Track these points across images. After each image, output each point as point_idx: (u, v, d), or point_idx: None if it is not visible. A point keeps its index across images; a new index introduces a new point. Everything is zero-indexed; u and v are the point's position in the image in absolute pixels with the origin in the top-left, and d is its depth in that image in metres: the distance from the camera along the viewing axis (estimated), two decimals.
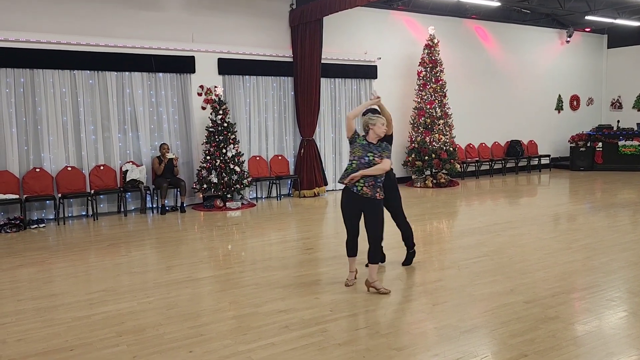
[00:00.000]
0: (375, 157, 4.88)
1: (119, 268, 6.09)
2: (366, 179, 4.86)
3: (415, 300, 4.75)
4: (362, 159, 4.87)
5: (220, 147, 9.72)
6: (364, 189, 4.86)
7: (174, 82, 10.15)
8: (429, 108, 12.27)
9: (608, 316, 4.31)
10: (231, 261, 6.34)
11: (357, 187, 4.87)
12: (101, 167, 9.43)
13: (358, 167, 4.87)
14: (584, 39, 16.66)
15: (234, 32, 10.65)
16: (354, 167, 4.89)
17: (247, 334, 4.06)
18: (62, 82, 9.09)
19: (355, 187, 4.87)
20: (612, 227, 7.64)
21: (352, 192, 4.91)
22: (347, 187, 4.96)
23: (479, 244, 6.74)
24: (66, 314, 4.59)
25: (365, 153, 4.89)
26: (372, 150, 4.91)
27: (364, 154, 4.88)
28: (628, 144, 14.64)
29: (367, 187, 4.86)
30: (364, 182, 4.86)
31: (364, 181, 4.86)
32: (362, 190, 4.86)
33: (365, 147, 4.92)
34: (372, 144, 4.95)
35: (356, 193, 4.88)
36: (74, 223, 8.87)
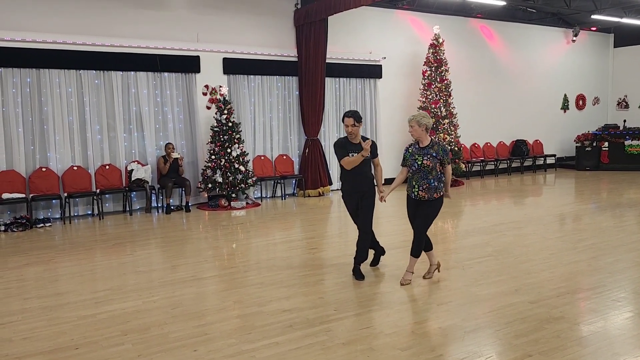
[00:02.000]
0: (424, 159, 4.99)
1: (124, 267, 6.12)
2: (420, 184, 5.00)
3: (419, 300, 4.74)
4: (413, 166, 5.07)
5: (225, 146, 9.74)
6: (420, 193, 5.03)
7: (179, 82, 10.18)
8: (433, 107, 12.23)
9: (614, 317, 4.29)
10: (236, 260, 6.36)
11: (414, 192, 5.07)
12: (107, 167, 9.46)
13: (412, 174, 5.10)
14: (590, 38, 16.57)
15: (238, 31, 10.66)
16: (410, 176, 5.17)
17: (252, 333, 4.07)
18: (68, 82, 9.14)
19: (413, 193, 5.10)
20: (618, 227, 7.60)
21: (412, 198, 5.14)
22: (407, 194, 5.23)
23: (484, 244, 6.72)
24: (72, 312, 4.62)
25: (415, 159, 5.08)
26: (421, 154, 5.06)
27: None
28: (634, 144, 14.56)
29: (422, 190, 5.01)
30: (418, 187, 5.02)
31: (418, 186, 5.01)
32: (419, 194, 5.03)
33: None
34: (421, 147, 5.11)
35: (414, 198, 5.09)
36: (80, 222, 8.91)
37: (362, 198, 5.40)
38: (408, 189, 5.17)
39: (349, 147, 5.36)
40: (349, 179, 5.44)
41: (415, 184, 5.04)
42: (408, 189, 5.17)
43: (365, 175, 5.41)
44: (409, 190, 5.17)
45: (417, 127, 5.02)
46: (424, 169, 4.97)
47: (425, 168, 4.97)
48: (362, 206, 5.41)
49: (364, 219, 5.42)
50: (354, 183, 5.41)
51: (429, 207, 5.05)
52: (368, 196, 5.41)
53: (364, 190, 5.39)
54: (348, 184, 5.47)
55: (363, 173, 5.38)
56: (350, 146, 5.36)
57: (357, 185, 5.40)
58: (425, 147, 5.05)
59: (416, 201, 5.10)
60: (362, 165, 5.32)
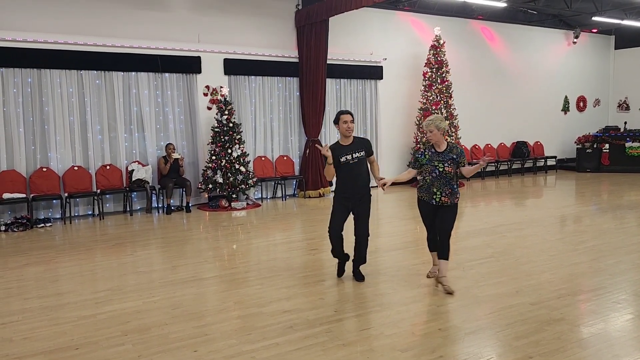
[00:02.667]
0: (445, 166, 4.81)
1: (124, 267, 6.12)
2: (442, 190, 4.83)
3: (420, 302, 4.74)
4: (433, 172, 4.85)
5: (226, 147, 9.75)
6: (443, 199, 4.84)
7: (180, 83, 10.19)
8: (434, 109, 12.24)
9: (614, 318, 4.28)
10: (236, 261, 6.35)
11: (435, 199, 4.86)
12: (107, 167, 9.47)
13: (432, 181, 4.86)
14: (590, 39, 16.58)
15: (239, 32, 10.67)
16: (428, 183, 4.91)
17: (252, 334, 4.07)
18: (69, 82, 9.14)
19: (434, 200, 4.86)
20: (619, 229, 7.60)
21: (432, 205, 4.89)
22: (424, 200, 4.94)
23: (485, 245, 6.72)
24: (72, 312, 4.62)
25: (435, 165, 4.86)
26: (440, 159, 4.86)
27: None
28: (635, 146, 14.55)
29: (445, 196, 4.84)
30: (441, 193, 4.83)
31: (440, 192, 4.83)
32: (441, 200, 4.84)
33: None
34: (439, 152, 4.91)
35: (436, 204, 4.88)
36: (80, 222, 8.91)
37: (358, 204, 5.14)
38: (425, 195, 4.91)
39: (341, 152, 5.09)
40: (342, 182, 5.17)
41: (437, 191, 4.83)
42: (425, 195, 4.91)
43: (360, 178, 5.14)
44: (426, 197, 4.90)
45: (437, 132, 4.82)
46: (446, 175, 4.80)
47: (448, 175, 4.80)
48: (359, 213, 5.17)
49: (363, 225, 5.19)
50: (347, 187, 5.14)
51: (451, 210, 4.88)
52: (364, 201, 5.17)
53: (359, 195, 5.14)
54: (340, 187, 5.19)
55: (357, 176, 5.12)
56: (341, 150, 5.11)
57: (349, 189, 5.13)
58: (444, 151, 4.85)
59: (436, 207, 4.89)
60: (357, 166, 5.09)
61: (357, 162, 5.10)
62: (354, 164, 5.09)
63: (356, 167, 5.10)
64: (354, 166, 5.09)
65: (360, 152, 5.13)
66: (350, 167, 5.09)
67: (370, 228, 5.27)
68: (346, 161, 5.09)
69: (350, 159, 5.08)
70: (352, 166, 5.09)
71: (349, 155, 5.08)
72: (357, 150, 5.12)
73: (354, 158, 5.09)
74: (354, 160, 5.09)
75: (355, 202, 5.15)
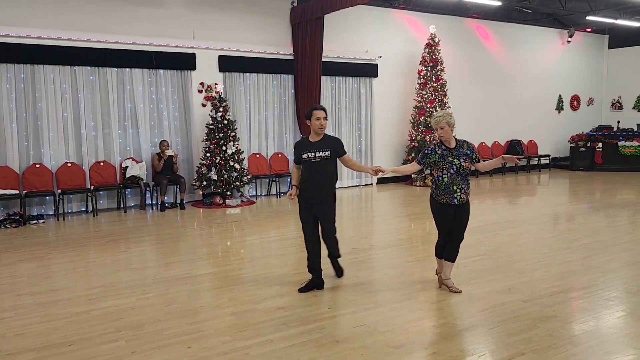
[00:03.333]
0: (462, 162, 4.66)
1: (118, 264, 6.10)
2: (461, 187, 4.67)
3: (413, 299, 4.76)
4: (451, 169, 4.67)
5: (220, 144, 9.73)
6: (462, 197, 4.69)
7: (175, 79, 10.16)
8: (429, 107, 12.26)
9: (606, 316, 4.31)
10: (230, 258, 6.35)
11: (456, 198, 4.68)
12: (101, 164, 9.43)
13: (450, 179, 4.67)
14: (585, 39, 16.65)
15: (234, 29, 10.65)
16: (446, 182, 4.69)
17: (246, 331, 4.07)
18: (63, 78, 9.10)
19: (455, 199, 4.67)
20: (611, 227, 7.65)
21: (452, 205, 4.70)
22: (443, 202, 4.72)
23: (478, 243, 6.75)
24: (65, 309, 4.60)
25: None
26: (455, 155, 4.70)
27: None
28: (628, 145, 14.64)
29: (464, 193, 4.69)
30: (460, 190, 4.67)
31: (460, 190, 4.67)
32: (461, 198, 4.69)
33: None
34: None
35: (457, 204, 4.70)
36: (74, 219, 8.87)
37: (320, 205, 4.86)
38: (445, 197, 4.68)
39: (306, 148, 4.83)
40: (304, 181, 4.89)
41: (457, 188, 4.64)
42: (445, 197, 4.68)
43: (326, 177, 4.85)
44: (446, 199, 4.68)
45: (448, 128, 4.65)
46: (463, 171, 4.65)
47: (465, 170, 4.66)
48: (322, 216, 4.89)
49: (328, 227, 4.94)
50: (309, 186, 4.86)
51: (466, 209, 4.77)
52: (327, 203, 4.89)
53: (321, 196, 4.85)
54: (305, 186, 4.90)
55: (319, 175, 4.82)
56: (307, 146, 4.84)
57: (311, 189, 4.86)
58: (455, 147, 4.71)
59: (456, 207, 4.71)
60: (319, 165, 4.79)
61: (319, 162, 4.79)
62: (316, 162, 4.80)
63: (318, 166, 4.80)
64: (316, 165, 4.80)
65: (325, 151, 4.80)
66: (311, 165, 4.81)
67: (365, 225, 5.28)
68: (308, 158, 4.82)
69: (312, 157, 4.80)
70: (313, 164, 4.80)
71: (312, 153, 4.80)
72: (322, 149, 4.80)
73: (317, 157, 4.79)
74: (316, 159, 4.79)
75: (318, 203, 4.87)
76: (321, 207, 4.90)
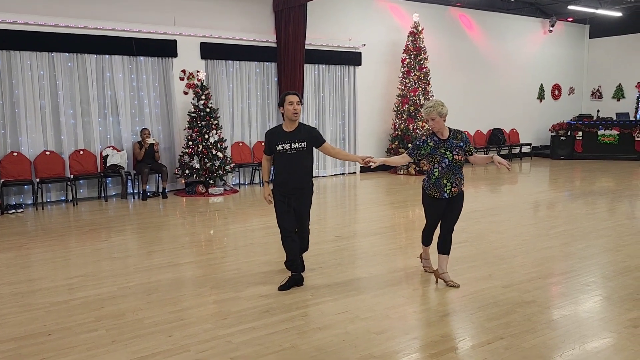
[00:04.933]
0: (454, 154, 4.50)
1: (99, 253, 6.03)
2: (452, 180, 4.51)
3: (395, 285, 4.79)
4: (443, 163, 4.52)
5: (203, 132, 9.64)
6: (453, 190, 4.54)
7: (156, 66, 10.01)
8: (412, 95, 12.29)
9: (583, 300, 4.40)
10: (213, 246, 6.32)
11: (447, 192, 4.53)
12: (81, 152, 9.29)
13: (441, 173, 4.53)
14: (566, 28, 16.79)
15: (216, 15, 10.51)
16: (437, 175, 4.56)
17: (228, 319, 4.07)
18: (40, 65, 8.90)
19: (445, 193, 4.53)
20: (590, 215, 7.78)
21: (442, 199, 4.56)
22: (433, 197, 4.59)
23: (460, 230, 6.78)
24: (44, 299, 4.55)
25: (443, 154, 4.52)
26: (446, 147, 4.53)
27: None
28: (607, 133, 14.87)
29: (455, 186, 4.54)
30: (451, 184, 4.52)
31: (450, 184, 4.51)
32: (452, 191, 4.54)
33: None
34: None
35: (447, 198, 4.56)
36: (53, 208, 8.75)
37: (297, 198, 4.67)
38: (435, 191, 4.54)
39: (279, 138, 4.59)
40: (278, 174, 4.68)
41: (447, 182, 4.49)
42: (435, 192, 4.54)
43: (303, 169, 4.64)
44: (437, 193, 4.54)
45: (439, 119, 4.47)
46: (455, 164, 4.49)
47: (458, 163, 4.50)
48: (298, 210, 4.71)
49: (305, 221, 4.82)
50: (284, 179, 4.64)
51: (460, 200, 4.62)
52: (303, 196, 4.70)
53: (297, 189, 4.65)
54: (280, 180, 4.66)
55: (295, 168, 4.60)
56: (281, 136, 4.60)
57: (289, 181, 4.62)
58: (448, 138, 4.53)
59: (447, 201, 4.58)
60: (295, 157, 4.57)
61: (295, 154, 4.57)
62: (292, 154, 4.56)
63: (294, 158, 4.57)
64: (292, 157, 4.57)
65: (301, 142, 4.56)
66: (287, 157, 4.57)
67: (348, 214, 5.28)
68: (283, 150, 4.57)
69: (288, 149, 4.56)
70: (289, 157, 4.57)
71: (288, 144, 4.56)
72: (298, 140, 4.56)
73: (292, 148, 4.56)
74: (292, 150, 4.56)
75: (296, 198, 4.68)
76: (299, 201, 4.69)
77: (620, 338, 3.67)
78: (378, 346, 3.58)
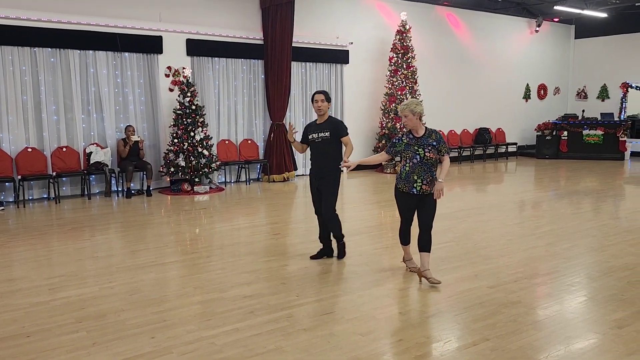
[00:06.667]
0: (426, 152, 4.59)
1: (81, 252, 5.93)
2: (423, 177, 4.60)
3: (381, 286, 4.77)
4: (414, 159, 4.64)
5: (188, 130, 9.54)
6: (424, 187, 4.61)
7: (141, 63, 9.88)
8: (400, 94, 12.29)
9: (568, 301, 4.41)
10: (197, 246, 6.25)
11: (416, 188, 4.62)
12: (63, 149, 9.13)
13: (412, 168, 4.64)
14: (552, 28, 16.92)
15: (203, 12, 10.40)
16: (407, 170, 4.68)
17: (212, 320, 4.01)
18: (22, 60, 8.73)
19: (414, 189, 4.62)
20: (575, 214, 7.83)
21: (411, 195, 4.65)
22: (402, 191, 4.70)
23: (446, 230, 6.81)
24: (24, 299, 4.45)
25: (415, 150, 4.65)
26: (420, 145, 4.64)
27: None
28: (592, 133, 15.02)
29: (426, 184, 4.61)
30: (422, 181, 4.60)
31: (421, 180, 4.60)
32: (422, 189, 4.61)
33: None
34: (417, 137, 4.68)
35: (417, 194, 4.65)
36: (35, 206, 8.59)
37: (322, 180, 5.31)
38: (404, 185, 4.66)
39: (311, 129, 5.40)
40: (312, 159, 5.47)
41: (418, 178, 4.59)
42: (404, 186, 4.66)
43: (327, 156, 5.30)
44: (406, 187, 4.65)
45: (412, 116, 4.58)
46: (427, 161, 4.58)
47: (429, 161, 4.59)
48: (321, 190, 5.34)
49: (325, 202, 5.34)
50: (313, 164, 5.44)
51: (432, 199, 4.67)
52: (327, 179, 5.29)
53: (321, 172, 5.31)
54: (312, 163, 5.49)
55: (321, 154, 5.32)
56: (312, 128, 5.40)
57: (316, 166, 5.39)
58: (422, 136, 4.64)
59: (417, 197, 4.67)
60: (323, 145, 5.29)
61: (320, 142, 5.30)
62: (318, 142, 5.31)
63: (320, 145, 5.30)
64: (318, 144, 5.31)
65: (326, 132, 5.28)
66: (315, 144, 5.34)
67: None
68: (312, 139, 5.35)
69: (316, 138, 5.32)
70: (316, 144, 5.33)
71: (315, 134, 5.32)
72: (323, 130, 5.30)
73: (319, 137, 5.30)
74: (318, 139, 5.30)
75: (319, 181, 5.33)
76: (322, 184, 5.32)
77: (605, 339, 3.68)
78: (364, 348, 3.55)
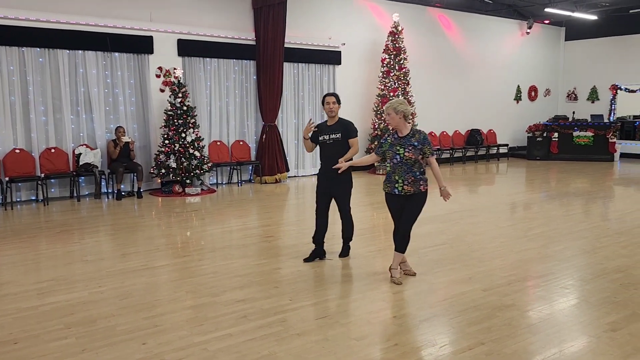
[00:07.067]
0: (405, 152, 4.62)
1: (70, 256, 5.84)
2: (404, 178, 4.63)
3: (375, 289, 4.73)
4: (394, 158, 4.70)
5: (180, 131, 9.46)
6: (406, 188, 4.64)
7: (131, 63, 9.79)
8: (392, 95, 12.27)
9: (561, 304, 4.40)
10: (189, 249, 6.18)
11: (397, 188, 4.67)
12: (52, 150, 9.02)
13: (393, 168, 4.71)
14: (543, 30, 17.01)
15: (194, 12, 10.32)
16: (389, 170, 4.78)
17: (204, 325, 3.95)
18: (10, 60, 8.61)
19: (396, 189, 4.67)
20: (566, 216, 7.85)
21: (395, 195, 4.71)
22: (387, 192, 4.78)
23: (439, 232, 6.80)
24: (11, 304, 4.36)
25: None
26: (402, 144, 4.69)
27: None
28: (582, 135, 15.11)
29: (408, 184, 4.64)
30: (403, 181, 4.63)
31: (402, 180, 4.64)
32: (404, 189, 4.65)
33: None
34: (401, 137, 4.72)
35: (399, 194, 4.69)
36: (23, 208, 8.47)
37: (333, 184, 5.34)
38: (387, 186, 4.74)
39: (322, 131, 5.41)
40: (322, 160, 5.46)
41: (399, 179, 4.63)
42: (387, 186, 4.74)
43: (338, 157, 5.24)
44: (388, 188, 4.73)
45: (394, 115, 4.60)
46: (406, 161, 4.61)
47: (408, 161, 4.60)
48: (336, 194, 5.40)
49: (342, 205, 5.44)
50: (323, 165, 5.43)
51: (416, 200, 4.69)
52: (340, 182, 5.33)
53: (331, 174, 5.27)
54: (322, 164, 5.48)
55: (331, 156, 5.29)
56: (323, 129, 5.41)
57: (324, 167, 5.40)
58: (406, 136, 4.65)
59: (401, 197, 4.70)
60: (334, 146, 5.30)
61: (332, 143, 5.32)
62: (330, 144, 5.33)
63: (332, 147, 5.32)
64: (330, 146, 5.33)
65: (336, 134, 5.32)
66: (326, 146, 5.36)
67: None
68: (323, 140, 5.37)
69: (327, 139, 5.34)
70: (328, 146, 5.35)
71: (327, 136, 5.34)
72: (334, 132, 5.33)
73: (330, 139, 5.33)
74: (330, 140, 5.33)
75: (330, 182, 5.35)
76: (334, 184, 5.35)
77: (600, 342, 3.67)
78: (358, 353, 3.51)
